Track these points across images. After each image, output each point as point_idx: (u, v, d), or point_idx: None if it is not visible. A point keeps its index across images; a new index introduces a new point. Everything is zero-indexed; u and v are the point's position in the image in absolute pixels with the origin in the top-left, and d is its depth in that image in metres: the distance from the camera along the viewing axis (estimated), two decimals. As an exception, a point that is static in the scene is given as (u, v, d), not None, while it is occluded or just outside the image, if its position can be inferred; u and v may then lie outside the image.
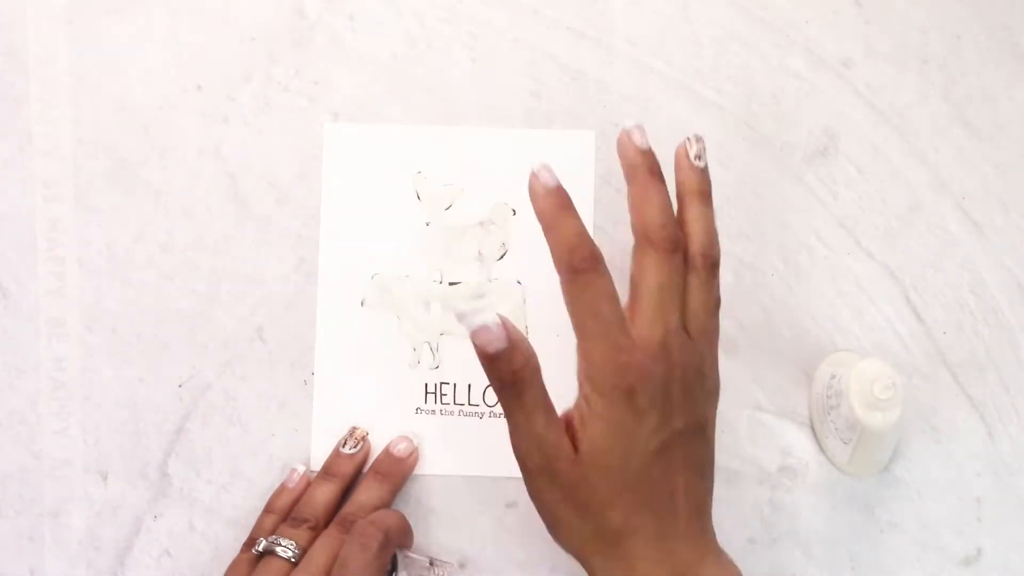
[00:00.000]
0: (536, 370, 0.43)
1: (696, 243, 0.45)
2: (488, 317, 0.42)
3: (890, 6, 0.57)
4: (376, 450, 0.54)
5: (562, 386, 0.55)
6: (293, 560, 0.49)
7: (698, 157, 0.46)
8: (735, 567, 0.45)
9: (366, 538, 0.48)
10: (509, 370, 0.42)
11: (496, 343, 0.42)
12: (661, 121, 0.56)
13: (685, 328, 0.44)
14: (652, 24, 0.56)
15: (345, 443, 0.53)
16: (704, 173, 0.46)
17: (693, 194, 0.46)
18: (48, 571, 0.54)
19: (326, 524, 0.51)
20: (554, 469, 0.43)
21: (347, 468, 0.53)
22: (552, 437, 0.43)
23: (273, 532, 0.51)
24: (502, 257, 0.56)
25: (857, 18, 0.57)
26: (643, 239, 0.44)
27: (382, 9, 0.57)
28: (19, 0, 0.56)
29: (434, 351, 0.55)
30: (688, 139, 0.46)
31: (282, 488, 0.53)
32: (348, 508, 0.52)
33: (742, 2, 0.57)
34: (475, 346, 0.42)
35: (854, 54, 0.56)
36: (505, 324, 0.42)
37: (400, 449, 0.53)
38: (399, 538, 0.50)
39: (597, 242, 0.55)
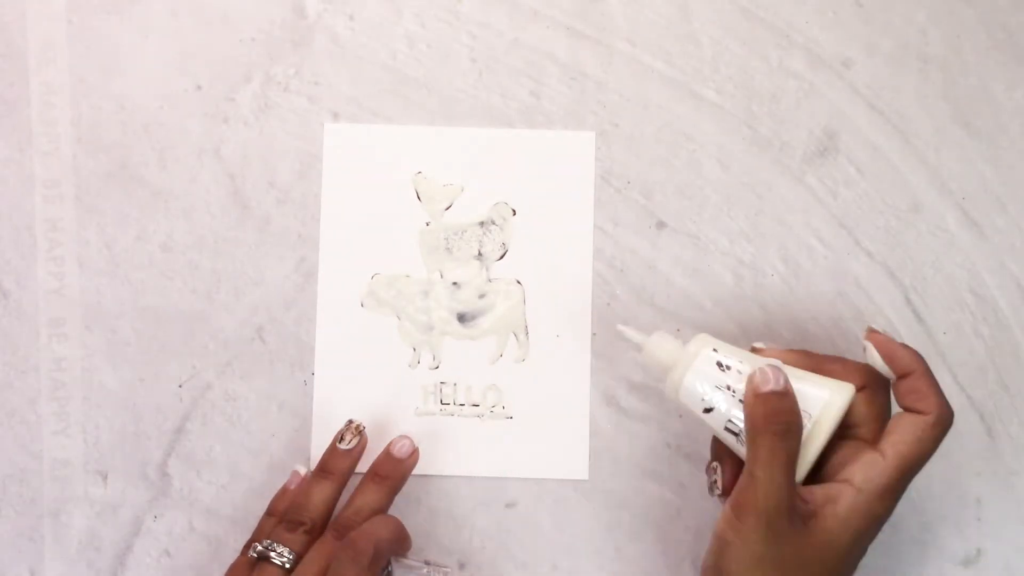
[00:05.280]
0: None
1: None
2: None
3: (890, 6, 0.57)
4: (374, 451, 0.54)
5: (566, 385, 0.55)
6: (287, 566, 0.49)
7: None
8: None
9: (357, 552, 0.47)
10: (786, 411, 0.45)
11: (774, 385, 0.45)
12: (661, 121, 0.56)
13: None
14: (652, 24, 0.56)
15: (342, 438, 0.53)
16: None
17: None
18: (48, 571, 0.54)
19: (324, 524, 0.51)
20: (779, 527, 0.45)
21: (344, 464, 0.53)
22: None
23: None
24: (502, 257, 0.56)
25: (857, 18, 0.57)
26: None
27: (382, 9, 0.57)
28: (19, 0, 0.56)
29: (434, 351, 0.55)
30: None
31: (284, 490, 0.53)
32: (345, 512, 0.51)
33: (742, 2, 0.56)
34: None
35: (854, 54, 0.56)
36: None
37: (400, 450, 0.53)
38: (392, 548, 0.49)
39: (598, 241, 0.56)
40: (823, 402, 0.45)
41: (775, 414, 0.45)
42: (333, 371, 0.55)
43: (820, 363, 0.48)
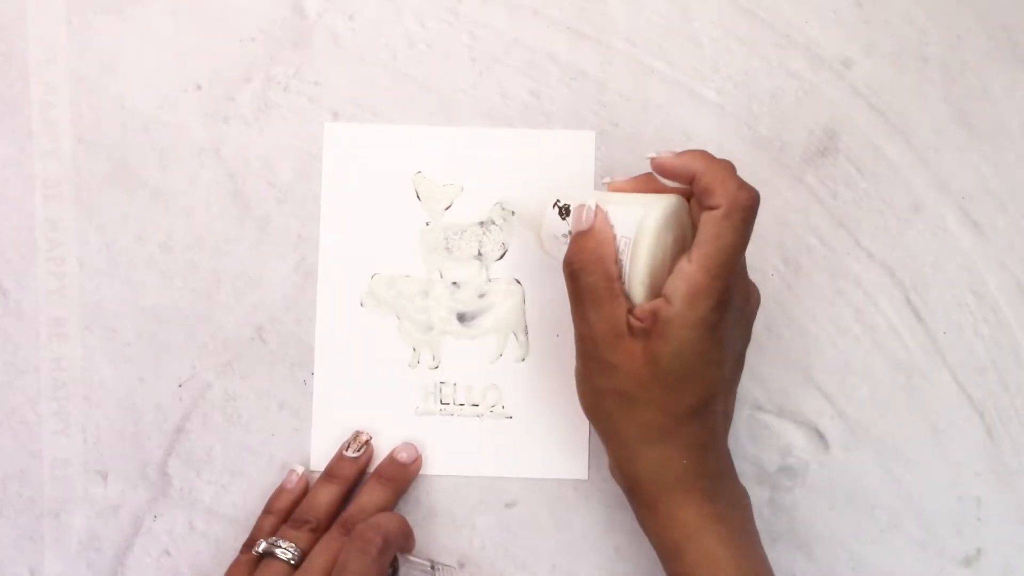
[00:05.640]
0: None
1: None
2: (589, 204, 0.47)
3: (890, 6, 0.57)
4: (377, 453, 0.54)
5: (566, 385, 0.55)
6: (293, 562, 0.49)
7: None
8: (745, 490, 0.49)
9: (365, 543, 0.48)
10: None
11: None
12: (661, 121, 0.56)
13: None
14: (652, 24, 0.56)
15: (348, 447, 0.54)
16: None
17: None
18: (48, 571, 0.54)
19: (327, 526, 0.51)
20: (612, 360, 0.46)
21: (349, 471, 0.53)
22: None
23: (272, 533, 0.51)
24: (502, 257, 0.56)
25: (857, 18, 0.57)
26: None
27: (382, 9, 0.57)
28: (19, 0, 0.56)
29: (434, 351, 0.55)
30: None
31: (281, 489, 0.53)
32: (350, 511, 0.52)
33: (742, 2, 0.56)
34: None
35: (854, 54, 0.56)
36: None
37: (403, 456, 0.53)
38: (399, 542, 0.50)
39: (597, 242, 0.55)
40: (637, 221, 0.45)
41: (574, 255, 0.46)
42: (333, 371, 0.55)
43: (656, 181, 0.47)
